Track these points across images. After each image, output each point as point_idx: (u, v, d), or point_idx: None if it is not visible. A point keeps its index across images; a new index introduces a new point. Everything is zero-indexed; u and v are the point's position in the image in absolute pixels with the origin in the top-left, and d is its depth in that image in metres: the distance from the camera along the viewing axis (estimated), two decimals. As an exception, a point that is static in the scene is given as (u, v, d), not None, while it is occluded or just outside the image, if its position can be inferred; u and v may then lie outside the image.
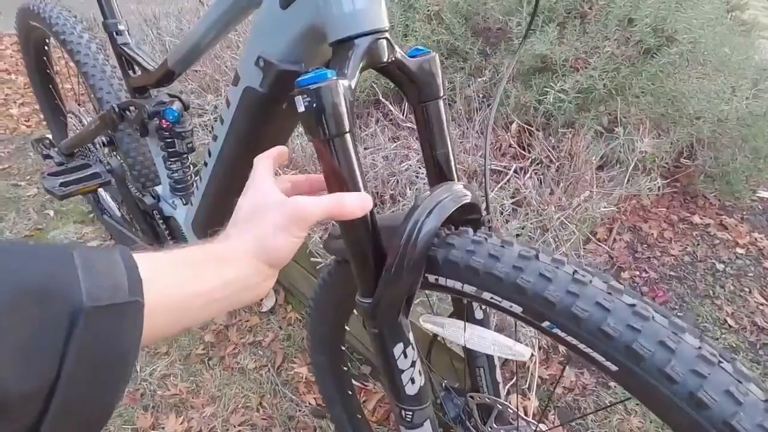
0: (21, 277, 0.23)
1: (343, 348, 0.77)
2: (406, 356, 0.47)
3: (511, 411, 0.60)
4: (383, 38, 0.42)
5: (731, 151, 1.59)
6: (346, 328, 0.73)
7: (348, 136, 0.39)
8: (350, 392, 0.83)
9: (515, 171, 1.22)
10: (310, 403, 1.06)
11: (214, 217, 0.79)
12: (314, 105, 0.38)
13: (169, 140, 0.84)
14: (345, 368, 0.80)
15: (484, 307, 0.57)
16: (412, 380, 0.48)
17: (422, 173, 1.22)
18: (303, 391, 1.09)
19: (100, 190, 1.20)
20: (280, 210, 0.35)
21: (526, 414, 0.92)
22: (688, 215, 1.82)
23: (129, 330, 0.26)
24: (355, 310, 0.69)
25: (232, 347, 1.18)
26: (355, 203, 0.38)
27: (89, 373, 0.24)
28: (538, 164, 1.27)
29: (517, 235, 1.03)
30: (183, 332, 1.19)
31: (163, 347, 1.17)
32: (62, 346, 0.23)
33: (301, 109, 0.38)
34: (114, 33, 0.82)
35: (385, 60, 0.43)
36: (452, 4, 1.60)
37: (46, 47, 1.23)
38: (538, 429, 0.57)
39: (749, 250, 1.66)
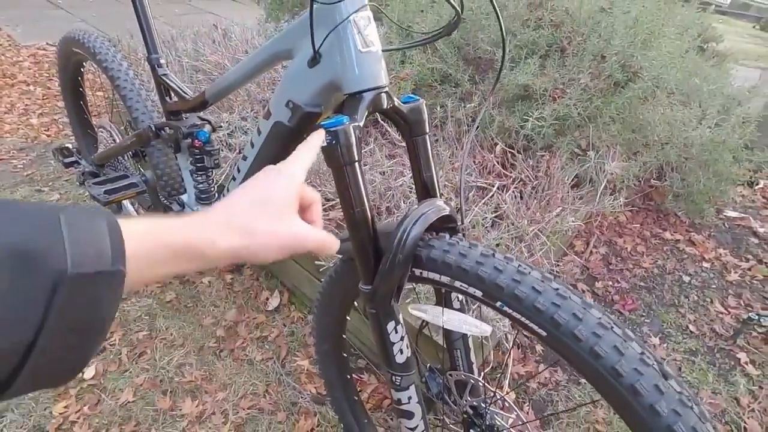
0: (4, 236, 0.23)
1: (344, 337, 0.91)
2: (396, 332, 0.61)
3: (482, 385, 0.73)
4: (384, 92, 0.57)
5: (696, 174, 1.75)
6: (347, 318, 0.87)
7: (357, 164, 0.54)
8: (348, 377, 0.97)
9: (498, 188, 1.37)
10: (311, 392, 1.19)
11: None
12: (333, 142, 0.52)
13: (198, 157, 0.98)
14: (345, 355, 0.94)
15: (461, 298, 0.71)
16: (401, 351, 0.62)
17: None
18: (304, 381, 1.22)
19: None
20: (288, 234, 0.39)
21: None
22: (660, 231, 1.98)
23: (109, 299, 0.26)
24: (355, 302, 0.83)
25: (241, 341, 1.31)
26: (334, 248, 0.43)
27: (67, 336, 0.25)
28: (519, 182, 1.42)
29: (497, 245, 1.17)
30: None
31: (179, 339, 1.30)
32: (43, 310, 0.23)
33: (324, 144, 0.53)
34: (156, 65, 0.97)
35: (385, 107, 0.58)
36: (446, 35, 1.77)
37: (81, 69, 1.37)
38: (500, 397, 0.70)
39: (714, 265, 1.81)
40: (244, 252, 0.36)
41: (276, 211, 0.39)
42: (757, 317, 1.54)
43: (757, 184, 2.26)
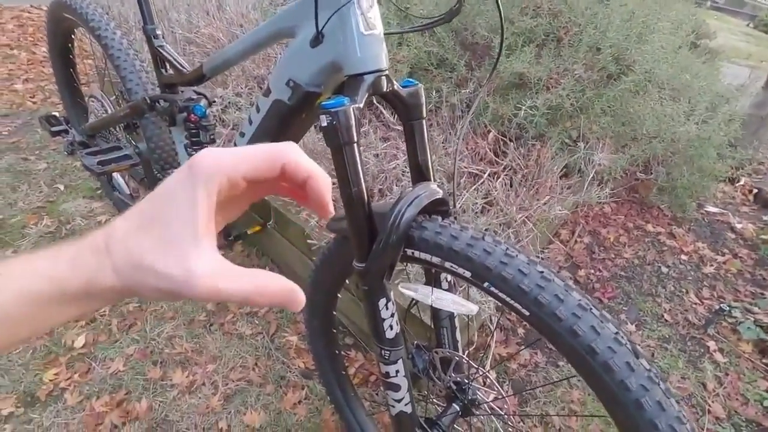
0: None
1: (334, 313, 0.93)
2: (387, 308, 0.64)
3: (465, 362, 0.77)
4: (384, 75, 0.58)
5: (681, 169, 1.80)
6: (338, 295, 0.89)
7: (355, 145, 0.55)
8: (337, 352, 1.00)
9: (489, 175, 1.39)
10: (299, 366, 1.22)
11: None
12: (333, 122, 0.53)
13: (194, 131, 0.98)
14: (334, 331, 0.96)
15: (450, 279, 0.74)
16: (391, 327, 0.65)
17: (408, 172, 1.38)
18: (293, 356, 1.25)
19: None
20: (171, 278, 0.24)
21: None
22: (643, 223, 2.04)
23: None
24: (347, 280, 0.85)
25: (231, 316, 1.33)
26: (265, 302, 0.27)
27: None
28: (510, 170, 1.45)
29: (486, 230, 1.20)
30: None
31: (169, 312, 1.31)
32: None
33: (324, 124, 0.54)
34: (152, 36, 0.96)
35: (384, 90, 0.59)
36: (444, 19, 1.76)
37: (72, 36, 1.34)
38: (483, 373, 0.74)
39: (692, 257, 1.88)
40: (129, 293, 0.26)
41: (164, 236, 0.25)
42: (728, 308, 1.61)
43: (738, 181, 2.33)
